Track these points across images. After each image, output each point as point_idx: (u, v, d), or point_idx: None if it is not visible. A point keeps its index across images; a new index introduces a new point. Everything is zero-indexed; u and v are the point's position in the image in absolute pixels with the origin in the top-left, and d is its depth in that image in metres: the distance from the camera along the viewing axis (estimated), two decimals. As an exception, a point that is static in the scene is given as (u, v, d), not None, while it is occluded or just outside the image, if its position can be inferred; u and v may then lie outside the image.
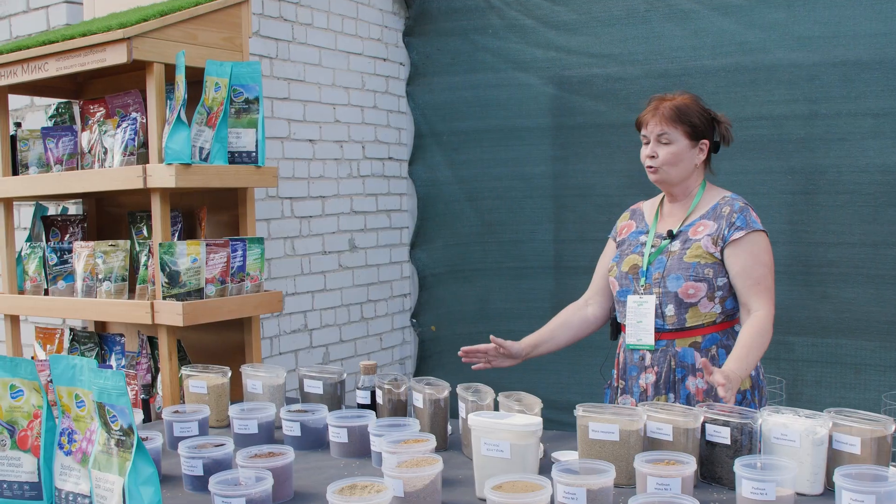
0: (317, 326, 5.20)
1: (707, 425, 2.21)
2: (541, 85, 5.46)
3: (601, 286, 3.06)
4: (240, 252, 3.12)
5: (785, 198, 4.70)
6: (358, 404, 2.78)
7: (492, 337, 2.91)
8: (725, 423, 2.18)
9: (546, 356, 5.62)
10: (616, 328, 2.99)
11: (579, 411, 2.24)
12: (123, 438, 1.93)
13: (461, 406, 2.49)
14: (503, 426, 2.09)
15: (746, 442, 2.15)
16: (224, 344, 3.36)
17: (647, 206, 3.02)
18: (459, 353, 2.93)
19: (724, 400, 2.37)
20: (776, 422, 2.16)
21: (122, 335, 3.46)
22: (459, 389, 2.52)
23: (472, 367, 2.97)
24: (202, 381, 2.83)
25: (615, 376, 2.94)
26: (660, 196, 2.97)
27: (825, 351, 4.69)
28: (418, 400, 2.57)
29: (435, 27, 5.74)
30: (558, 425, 2.77)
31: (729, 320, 2.77)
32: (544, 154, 5.52)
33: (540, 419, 2.13)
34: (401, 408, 2.66)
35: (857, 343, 4.64)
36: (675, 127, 2.75)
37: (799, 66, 4.72)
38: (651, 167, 2.81)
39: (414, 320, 5.95)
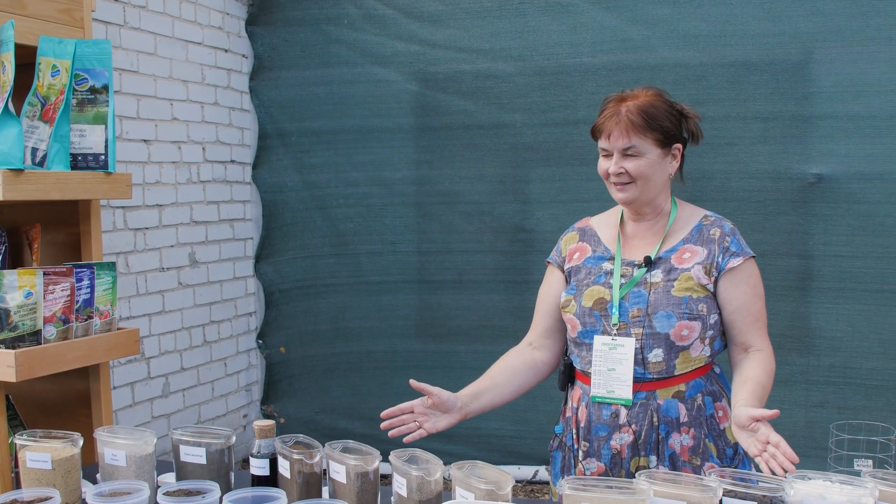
0: (155, 354, 4.51)
1: (726, 500, 1.78)
2: (402, 81, 4.98)
3: (548, 326, 2.50)
4: (86, 282, 2.47)
5: (671, 205, 4.41)
6: (253, 476, 2.19)
7: (412, 382, 2.28)
8: (748, 497, 1.76)
9: (406, 374, 5.27)
10: (569, 375, 2.44)
11: (565, 489, 1.75)
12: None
13: (399, 481, 1.96)
14: (489, 522, 1.58)
15: (776, 519, 1.74)
16: (63, 394, 2.68)
17: (601, 225, 2.49)
18: (382, 425, 2.30)
19: (778, 444, 1.94)
20: (809, 492, 1.75)
21: (-77, 386, 2.72)
22: (394, 459, 1.98)
23: (404, 439, 2.32)
24: (45, 452, 2.16)
25: (574, 436, 2.39)
26: (614, 212, 2.47)
27: (714, 367, 4.44)
28: (339, 473, 2.02)
29: (282, 16, 5.15)
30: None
31: (710, 362, 2.34)
32: (406, 157, 5.05)
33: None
34: (315, 482, 2.09)
35: (748, 358, 4.42)
36: (644, 136, 2.25)
37: (685, 65, 4.46)
38: (619, 185, 2.30)
39: (260, 341, 5.34)
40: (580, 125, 4.61)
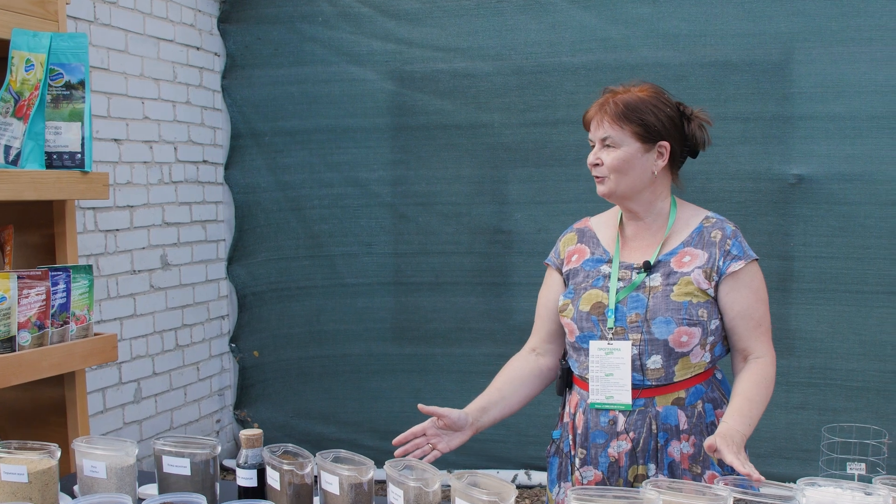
0: (126, 359, 4.39)
1: (736, 509, 1.72)
2: (378, 80, 4.90)
3: (551, 330, 2.43)
4: (62, 285, 2.37)
5: (650, 207, 4.37)
6: (240, 488, 2.11)
7: (420, 406, 2.23)
8: (759, 506, 1.70)
9: (382, 378, 5.20)
10: (566, 380, 2.37)
11: (571, 499, 1.69)
12: None
13: (395, 492, 1.89)
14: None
15: (788, 528, 1.69)
16: (35, 402, 2.58)
17: (600, 226, 2.42)
18: (397, 453, 2.24)
19: (732, 465, 1.90)
20: (820, 500, 1.70)
21: None
22: (390, 469, 1.91)
23: (422, 461, 2.25)
24: (20, 465, 2.07)
25: (571, 442, 2.33)
26: (614, 212, 2.41)
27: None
28: (332, 484, 1.94)
29: (255, 13, 5.05)
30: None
31: (711, 367, 2.29)
32: (382, 158, 4.97)
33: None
34: (305, 494, 2.01)
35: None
36: (622, 127, 2.21)
37: (665, 65, 4.42)
38: (597, 177, 2.27)
39: (233, 345, 5.23)
40: (559, 125, 4.56)
